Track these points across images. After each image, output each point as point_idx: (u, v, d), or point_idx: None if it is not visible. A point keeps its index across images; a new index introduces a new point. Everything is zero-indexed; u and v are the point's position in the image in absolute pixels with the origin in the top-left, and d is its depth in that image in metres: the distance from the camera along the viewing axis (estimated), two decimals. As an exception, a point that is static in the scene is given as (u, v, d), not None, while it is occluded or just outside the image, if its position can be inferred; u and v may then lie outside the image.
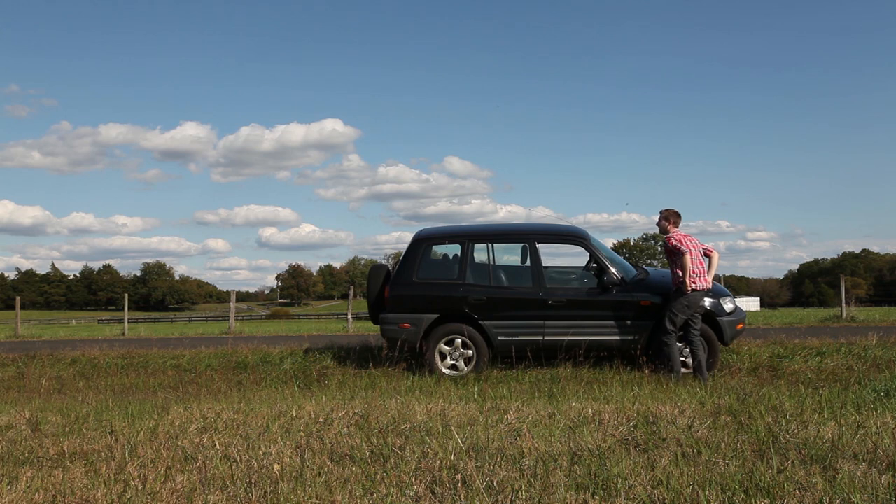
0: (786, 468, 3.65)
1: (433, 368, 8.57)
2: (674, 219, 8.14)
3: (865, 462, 3.76)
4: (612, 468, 3.73)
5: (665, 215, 8.15)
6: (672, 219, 8.13)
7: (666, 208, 8.18)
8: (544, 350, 8.53)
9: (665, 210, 8.18)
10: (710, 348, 8.20)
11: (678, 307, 7.83)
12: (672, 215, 8.14)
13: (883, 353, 8.90)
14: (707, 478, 3.55)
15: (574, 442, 4.34)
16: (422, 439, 4.52)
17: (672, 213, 8.15)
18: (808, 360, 8.77)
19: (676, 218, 8.15)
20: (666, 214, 8.15)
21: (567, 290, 8.77)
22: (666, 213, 8.15)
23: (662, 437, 4.42)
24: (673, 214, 8.14)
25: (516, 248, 9.26)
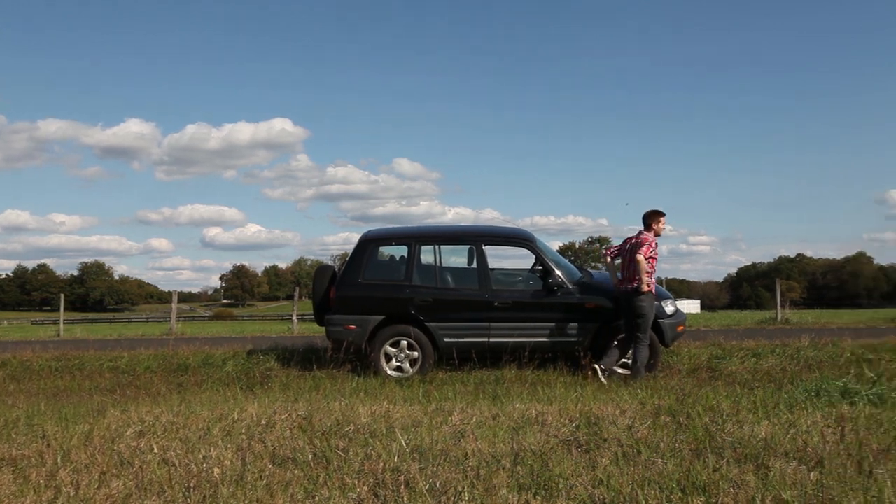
0: (721, 467, 3.75)
1: (378, 370, 8.53)
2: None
3: (796, 460, 3.89)
4: (554, 468, 3.78)
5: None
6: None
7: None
8: (490, 352, 8.58)
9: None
10: (652, 350, 8.35)
11: (650, 308, 7.96)
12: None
13: (814, 354, 9.20)
14: (646, 477, 3.62)
15: (517, 443, 4.37)
16: (366, 441, 4.50)
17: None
18: (745, 362, 9.01)
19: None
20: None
21: (513, 293, 8.84)
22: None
23: (604, 437, 4.49)
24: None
25: (463, 250, 9.29)
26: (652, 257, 8.03)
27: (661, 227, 8.22)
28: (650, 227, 8.17)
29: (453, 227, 10.65)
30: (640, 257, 7.91)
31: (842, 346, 9.60)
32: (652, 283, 8.02)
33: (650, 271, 8.00)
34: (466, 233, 9.53)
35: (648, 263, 7.97)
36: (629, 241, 8.25)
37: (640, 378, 7.74)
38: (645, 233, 8.15)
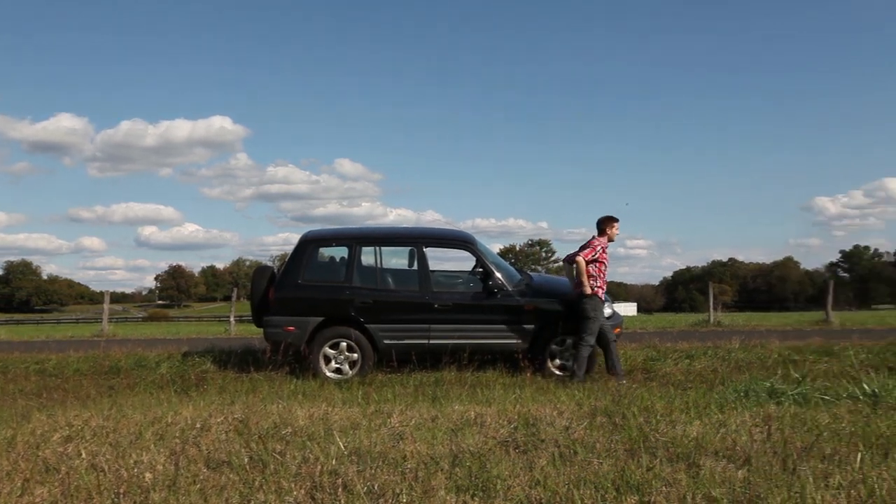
0: (654, 466, 3.83)
1: (317, 372, 8.45)
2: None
3: (725, 458, 4.00)
4: (492, 469, 3.80)
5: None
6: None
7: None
8: (430, 353, 8.59)
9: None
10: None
11: (597, 311, 8.08)
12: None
13: (744, 355, 9.49)
14: (582, 477, 3.67)
15: (456, 444, 4.38)
16: (303, 444, 4.45)
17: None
18: (679, 363, 9.23)
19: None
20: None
21: (453, 294, 8.87)
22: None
23: (541, 438, 4.54)
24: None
25: (404, 251, 9.28)
26: (599, 261, 8.16)
27: (614, 233, 8.41)
28: (604, 232, 8.35)
29: (394, 229, 10.64)
30: (580, 259, 8.07)
31: (770, 347, 9.94)
32: (598, 288, 8.13)
33: (595, 275, 8.13)
34: (407, 234, 9.53)
35: (595, 267, 8.12)
36: (583, 247, 8.38)
37: (579, 379, 7.86)
38: (598, 238, 8.31)
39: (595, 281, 8.11)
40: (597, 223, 8.40)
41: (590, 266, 8.12)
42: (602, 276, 8.20)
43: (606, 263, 8.24)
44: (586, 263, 8.09)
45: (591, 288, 8.06)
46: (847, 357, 9.17)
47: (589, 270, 8.11)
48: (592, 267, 8.12)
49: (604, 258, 8.19)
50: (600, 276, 8.18)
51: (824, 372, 8.17)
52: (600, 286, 8.15)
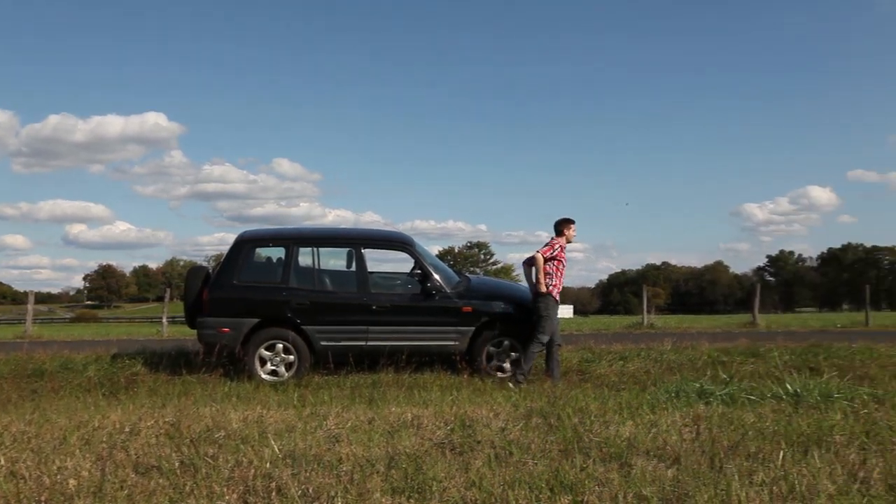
0: (588, 466, 3.89)
1: (252, 374, 8.32)
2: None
3: (656, 457, 4.09)
4: (427, 471, 3.80)
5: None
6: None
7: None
8: (367, 355, 8.55)
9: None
10: (526, 353, 8.58)
11: (551, 310, 8.22)
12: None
13: (676, 357, 9.74)
14: (517, 478, 3.71)
15: (392, 446, 4.37)
16: (237, 448, 4.37)
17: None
18: (613, 364, 9.41)
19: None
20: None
21: (391, 296, 8.86)
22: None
23: (477, 439, 4.56)
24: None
25: (342, 252, 9.23)
26: (557, 259, 8.29)
27: (571, 234, 8.55)
28: (561, 234, 8.48)
29: (333, 230, 10.56)
30: (539, 255, 8.23)
31: (700, 349, 10.22)
32: (554, 286, 8.25)
33: (552, 273, 8.26)
34: (346, 236, 9.48)
35: (553, 265, 8.26)
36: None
37: (522, 374, 8.00)
38: (555, 238, 8.44)
39: (551, 280, 8.24)
40: (554, 225, 8.55)
41: (547, 264, 8.25)
42: (559, 275, 8.34)
43: (564, 263, 8.39)
44: (544, 261, 8.21)
45: (547, 287, 8.18)
46: (772, 358, 9.50)
47: (546, 269, 8.23)
48: (550, 265, 8.26)
49: (562, 257, 8.35)
50: (557, 276, 8.30)
51: (750, 373, 8.44)
52: (556, 285, 8.28)
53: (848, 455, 4.07)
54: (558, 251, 8.30)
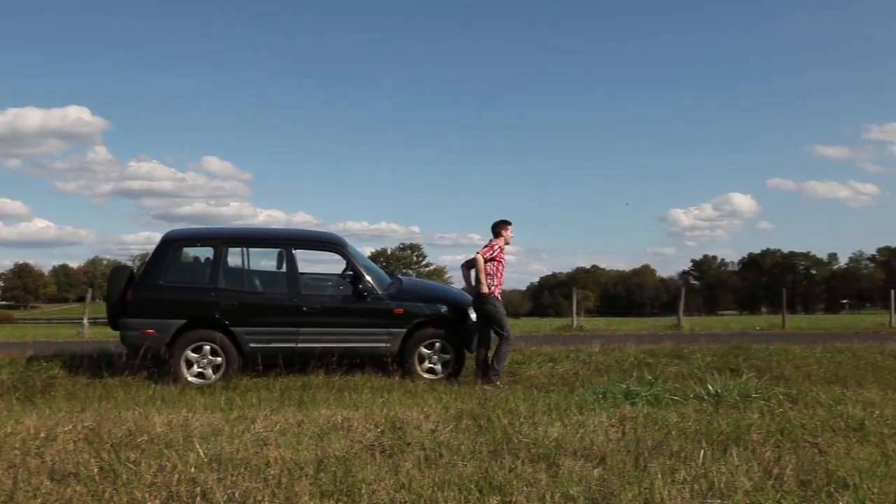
0: (516, 467, 3.94)
1: (178, 377, 8.11)
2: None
3: (583, 457, 4.17)
4: (357, 474, 3.78)
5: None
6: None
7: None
8: (297, 357, 8.44)
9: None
10: (457, 355, 8.65)
11: (499, 307, 8.37)
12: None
13: (604, 359, 9.94)
14: (446, 479, 3.72)
15: (321, 449, 4.33)
16: (160, 452, 4.25)
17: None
18: (542, 366, 9.54)
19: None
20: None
21: (322, 297, 8.78)
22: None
23: (407, 441, 4.56)
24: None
25: (273, 253, 9.10)
26: (497, 260, 8.41)
27: (509, 235, 8.67)
28: (499, 235, 8.60)
29: (263, 230, 10.42)
30: (479, 256, 8.33)
31: (627, 351, 10.45)
32: (495, 287, 8.37)
33: (492, 273, 8.37)
34: (276, 236, 9.35)
35: (493, 266, 8.37)
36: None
37: (495, 374, 8.19)
38: (494, 240, 8.55)
39: (492, 280, 8.36)
40: (492, 227, 8.66)
41: (487, 265, 8.36)
42: (499, 275, 8.46)
43: (503, 263, 8.51)
44: (484, 262, 8.31)
45: (489, 287, 8.28)
46: (695, 360, 9.81)
47: (487, 269, 8.33)
48: (490, 266, 8.38)
49: (501, 258, 8.47)
50: (497, 276, 8.43)
51: (675, 374, 8.69)
52: (497, 285, 8.42)
53: (764, 453, 4.23)
54: (497, 252, 8.43)
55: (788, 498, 3.44)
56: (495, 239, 8.55)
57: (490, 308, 8.31)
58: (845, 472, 3.78)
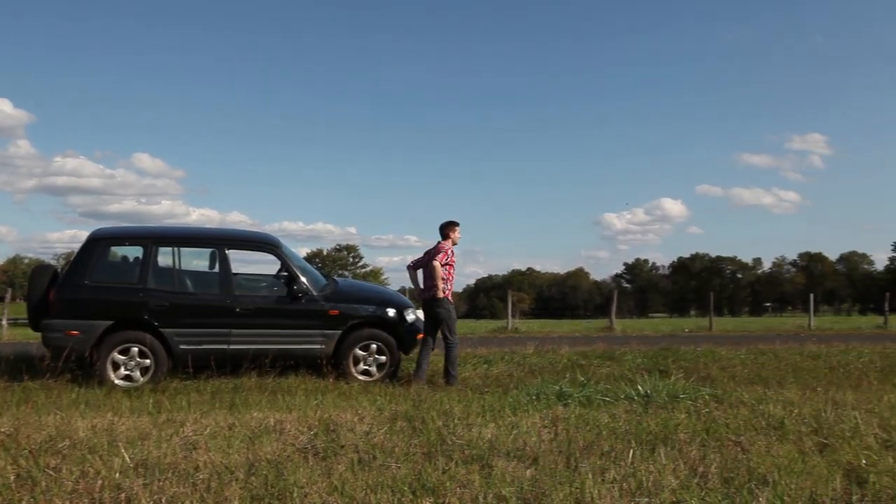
0: (450, 468, 3.95)
1: (104, 379, 7.85)
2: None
3: (516, 458, 4.22)
4: (289, 477, 3.73)
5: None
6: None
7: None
8: (230, 359, 8.28)
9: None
10: (392, 357, 8.63)
11: (452, 311, 8.43)
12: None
13: (538, 360, 10.07)
14: (380, 481, 3.71)
15: (253, 453, 4.26)
16: (83, 458, 4.11)
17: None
18: (477, 368, 9.60)
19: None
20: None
21: (256, 298, 8.64)
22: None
23: (341, 444, 4.53)
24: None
25: (205, 253, 8.90)
26: (449, 264, 8.43)
27: (457, 236, 8.68)
28: (447, 237, 8.59)
29: (195, 229, 10.18)
30: (437, 263, 8.32)
31: (560, 353, 10.63)
32: (448, 290, 8.43)
33: (446, 278, 8.39)
34: (209, 236, 9.15)
35: (445, 270, 8.38)
36: (428, 252, 8.65)
37: (454, 379, 8.25)
38: (442, 242, 8.55)
39: (445, 284, 8.40)
40: (440, 228, 8.65)
41: (442, 269, 8.37)
42: (451, 278, 8.51)
43: (454, 266, 8.53)
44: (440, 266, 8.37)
45: (443, 291, 8.32)
46: (626, 361, 10.02)
47: (441, 273, 8.35)
48: (443, 270, 8.35)
49: (452, 261, 8.51)
50: (449, 279, 8.48)
51: (606, 375, 8.85)
52: (449, 289, 8.48)
53: (690, 452, 4.36)
54: (451, 256, 8.47)
55: (712, 495, 3.55)
56: (444, 241, 8.56)
57: (443, 312, 8.37)
58: (765, 470, 3.92)
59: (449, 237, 8.61)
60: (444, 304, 8.38)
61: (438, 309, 8.37)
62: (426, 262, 8.56)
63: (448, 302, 8.43)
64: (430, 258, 8.49)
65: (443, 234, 8.63)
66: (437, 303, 8.38)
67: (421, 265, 8.68)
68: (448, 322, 8.40)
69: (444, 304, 8.38)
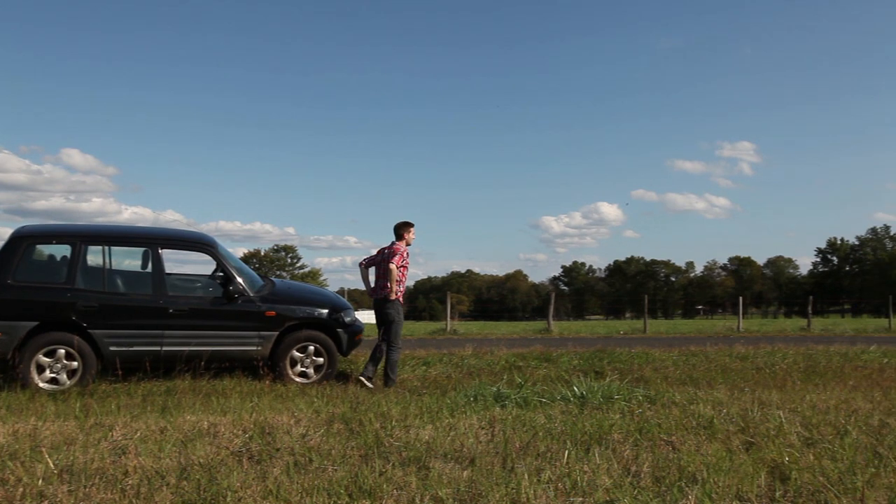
0: (387, 470, 3.94)
1: (27, 383, 7.56)
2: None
3: (453, 460, 4.23)
4: (222, 481, 3.66)
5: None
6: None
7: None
8: (162, 361, 8.08)
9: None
10: (330, 358, 8.56)
11: (401, 315, 8.41)
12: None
13: (476, 362, 10.14)
14: (316, 485, 3.67)
15: (185, 457, 4.17)
16: (3, 465, 3.95)
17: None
18: (416, 370, 9.61)
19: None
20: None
21: (190, 299, 8.44)
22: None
23: (277, 447, 4.47)
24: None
25: (137, 252, 8.66)
26: (403, 266, 8.40)
27: (411, 237, 8.64)
28: (402, 237, 8.55)
29: (127, 228, 9.89)
30: (393, 266, 8.28)
31: (498, 354, 10.72)
32: (401, 292, 8.40)
33: (400, 280, 8.35)
34: (141, 234, 8.91)
35: (400, 272, 8.32)
36: (382, 252, 8.56)
37: (392, 383, 8.22)
38: (397, 243, 8.50)
39: (399, 286, 8.36)
40: (394, 229, 8.60)
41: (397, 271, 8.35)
42: (403, 281, 8.49)
43: (408, 267, 8.51)
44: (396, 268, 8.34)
45: (396, 293, 8.29)
46: (563, 363, 10.18)
47: (396, 276, 8.32)
48: (398, 272, 8.32)
49: (407, 263, 8.48)
50: (403, 281, 8.47)
51: (543, 376, 8.96)
52: (401, 291, 8.44)
53: (623, 451, 4.44)
54: (406, 258, 8.43)
55: (644, 494, 3.62)
56: (398, 242, 8.52)
57: (393, 314, 8.34)
58: (695, 468, 4.02)
59: (404, 238, 8.58)
60: (393, 306, 8.35)
61: (388, 310, 8.34)
62: (379, 262, 8.51)
63: (399, 304, 8.40)
64: (384, 258, 8.44)
65: (398, 234, 8.59)
66: (388, 304, 8.34)
67: (374, 264, 8.63)
68: (394, 325, 8.37)
69: (393, 306, 8.35)
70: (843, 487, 3.69)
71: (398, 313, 8.40)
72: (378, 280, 8.52)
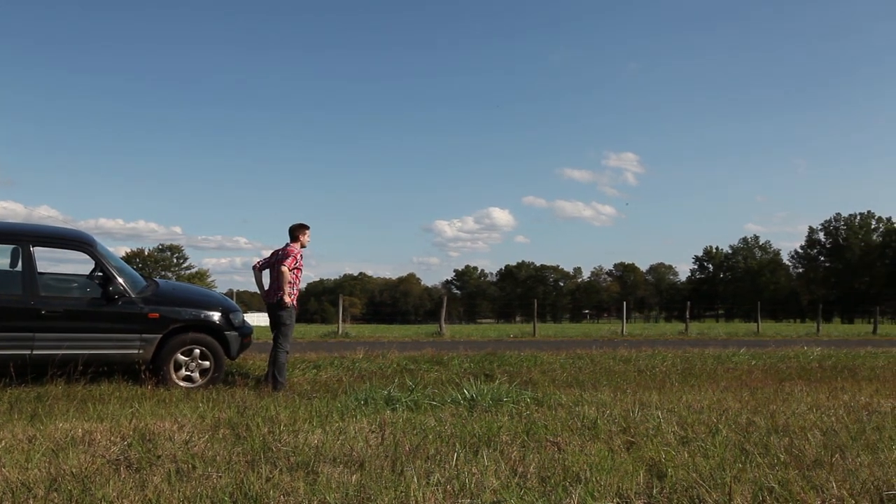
0: (274, 476, 3.85)
1: None
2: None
3: (342, 464, 4.19)
4: (97, 492, 3.48)
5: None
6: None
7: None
8: (32, 365, 7.61)
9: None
10: (216, 362, 8.31)
11: (293, 319, 8.25)
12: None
13: (367, 365, 10.09)
14: (199, 492, 3.55)
15: (56, 467, 3.93)
16: None
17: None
18: (306, 373, 9.47)
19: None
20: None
21: (65, 300, 8.00)
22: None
23: (158, 454, 4.29)
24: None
25: (7, 250, 8.13)
26: (297, 268, 8.23)
27: (306, 239, 8.48)
28: (297, 239, 8.38)
29: (-5, 223, 9.26)
30: (285, 269, 8.11)
31: (390, 357, 10.72)
32: (294, 294, 8.23)
33: (293, 282, 8.19)
34: (11, 231, 8.36)
35: (293, 275, 8.17)
36: (276, 253, 8.39)
37: (282, 386, 8.04)
38: (291, 244, 8.33)
39: (291, 288, 8.19)
40: (289, 230, 8.42)
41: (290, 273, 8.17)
42: (297, 283, 8.31)
43: (302, 270, 8.34)
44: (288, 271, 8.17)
45: (289, 295, 8.10)
46: (454, 366, 10.29)
47: (289, 278, 8.14)
48: (291, 274, 8.13)
49: (301, 265, 8.31)
50: (296, 284, 8.29)
51: (434, 380, 9.03)
52: (295, 294, 8.25)
53: (511, 453, 4.53)
54: (300, 261, 8.25)
55: (530, 494, 3.71)
56: (293, 243, 8.36)
57: (285, 316, 8.20)
58: (579, 468, 4.15)
59: (298, 240, 8.44)
60: (287, 310, 8.22)
61: (281, 313, 8.18)
62: (273, 264, 8.33)
63: (292, 307, 8.26)
64: (277, 260, 8.27)
65: (292, 236, 8.43)
66: (279, 307, 8.17)
67: (268, 266, 8.44)
68: (285, 328, 8.24)
69: (287, 310, 8.22)
70: (714, 483, 3.89)
71: (290, 316, 8.27)
72: (272, 283, 8.35)
